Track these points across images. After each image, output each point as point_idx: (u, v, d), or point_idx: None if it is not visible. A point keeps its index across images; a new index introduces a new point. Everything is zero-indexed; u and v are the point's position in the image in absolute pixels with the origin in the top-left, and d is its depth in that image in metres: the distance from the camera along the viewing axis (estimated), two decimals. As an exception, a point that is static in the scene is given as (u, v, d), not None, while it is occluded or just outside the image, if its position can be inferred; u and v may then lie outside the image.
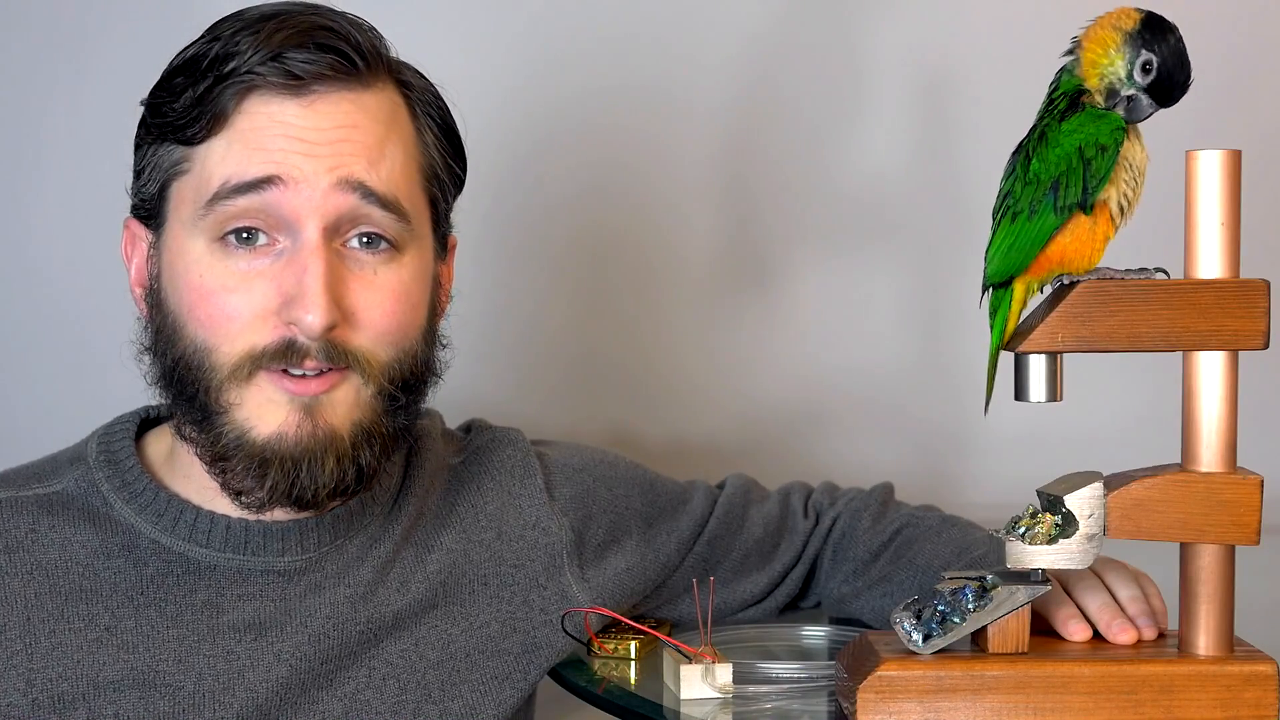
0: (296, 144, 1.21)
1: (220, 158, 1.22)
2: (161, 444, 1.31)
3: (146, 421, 1.34)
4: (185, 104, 1.22)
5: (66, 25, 1.92)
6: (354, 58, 1.23)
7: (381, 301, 1.24)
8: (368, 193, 1.23)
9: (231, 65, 1.21)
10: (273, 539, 1.27)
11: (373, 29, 1.27)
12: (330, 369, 1.22)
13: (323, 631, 1.28)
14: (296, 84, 1.22)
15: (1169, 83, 1.23)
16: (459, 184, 1.34)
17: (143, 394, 1.35)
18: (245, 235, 1.22)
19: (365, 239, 1.24)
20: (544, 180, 1.95)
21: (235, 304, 1.21)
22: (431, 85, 1.31)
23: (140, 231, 1.29)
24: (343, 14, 1.26)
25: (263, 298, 1.21)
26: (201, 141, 1.23)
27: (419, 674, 1.32)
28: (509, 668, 1.36)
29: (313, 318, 1.19)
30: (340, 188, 1.22)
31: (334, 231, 1.22)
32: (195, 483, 1.28)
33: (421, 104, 1.30)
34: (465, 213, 1.91)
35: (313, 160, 1.21)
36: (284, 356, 1.21)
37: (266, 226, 1.22)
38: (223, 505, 1.27)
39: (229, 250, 1.22)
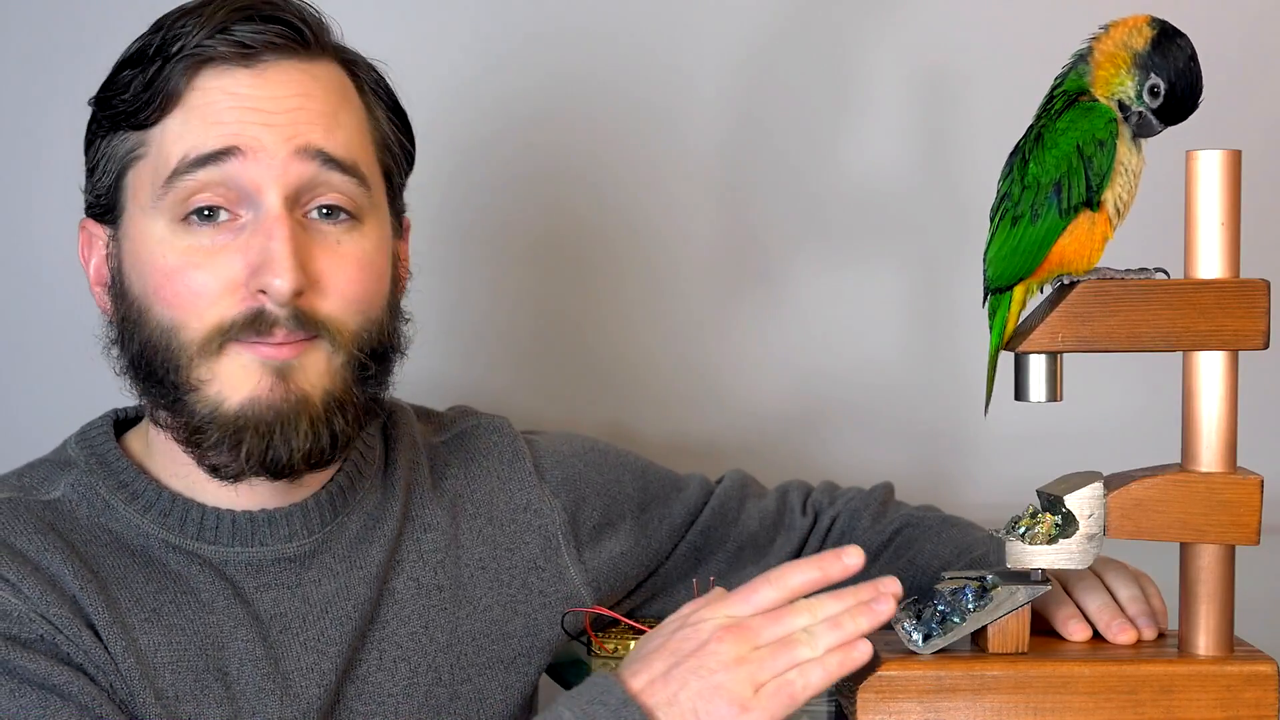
0: (252, 114, 1.22)
1: (176, 135, 1.23)
2: (140, 442, 1.31)
3: (118, 424, 1.34)
4: (135, 90, 1.23)
5: (67, 25, 1.92)
6: (301, 28, 1.25)
7: (346, 269, 1.24)
8: (327, 159, 1.23)
9: (179, 45, 1.22)
10: (278, 526, 1.27)
11: (318, 10, 1.28)
12: (300, 337, 1.22)
13: (344, 614, 1.28)
14: (246, 53, 1.22)
15: (1178, 107, 1.23)
16: (410, 162, 1.35)
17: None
18: (207, 213, 1.22)
19: (325, 210, 1.24)
20: (541, 177, 1.95)
21: (202, 280, 1.21)
22: (374, 66, 1.32)
23: (97, 230, 1.29)
24: None
25: (229, 270, 1.21)
26: (155, 123, 1.23)
27: (429, 657, 1.32)
28: (514, 651, 1.36)
29: (281, 281, 1.19)
30: (299, 156, 1.22)
31: (294, 201, 1.23)
32: (182, 474, 1.27)
33: (368, 82, 1.31)
34: (467, 211, 1.92)
35: (270, 130, 1.22)
36: (253, 327, 1.21)
37: (227, 202, 1.22)
38: (214, 493, 1.26)
39: (191, 228, 1.22)
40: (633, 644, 1.40)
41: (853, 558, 1.17)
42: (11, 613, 1.17)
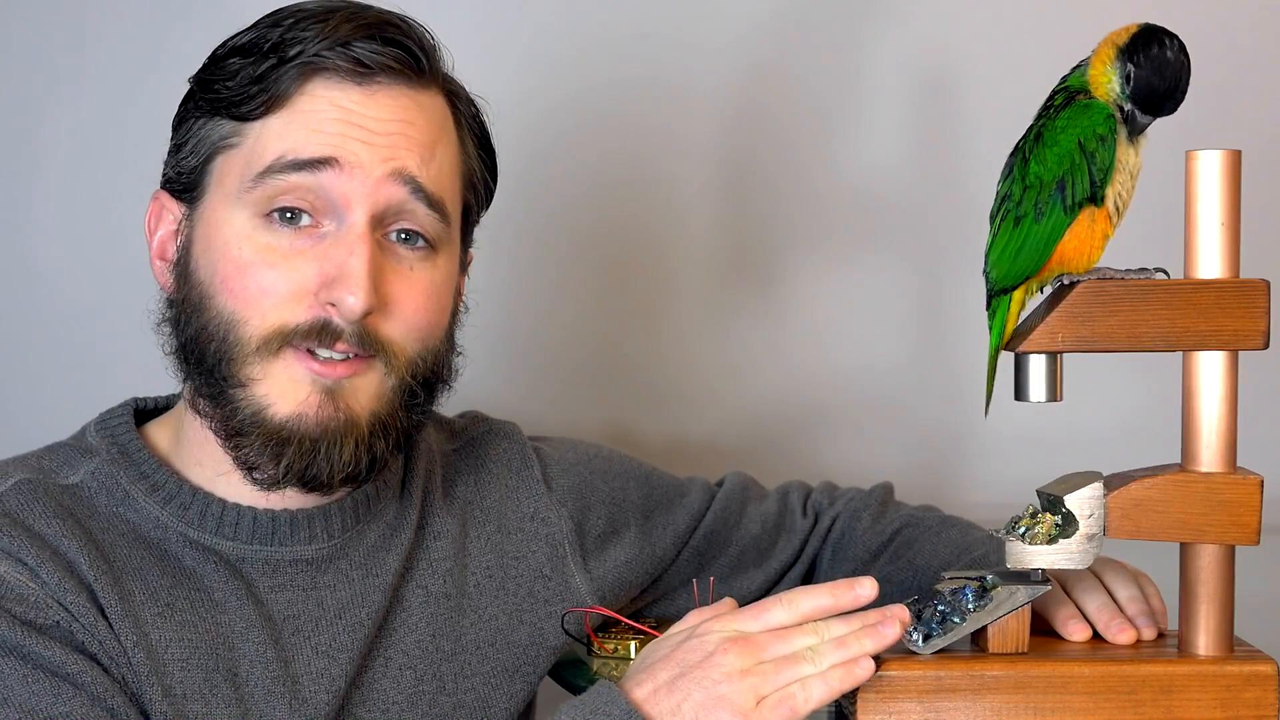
0: (355, 130, 1.22)
1: (277, 134, 1.23)
2: (165, 433, 1.31)
3: (138, 413, 1.33)
4: (242, 81, 1.23)
5: (66, 25, 1.92)
6: (419, 56, 1.25)
7: (415, 296, 1.25)
8: (417, 188, 1.24)
9: (297, 49, 1.23)
10: (299, 527, 1.27)
11: (435, 37, 1.29)
12: (358, 355, 1.23)
13: (357, 621, 1.28)
14: (362, 72, 1.23)
15: (1147, 93, 1.23)
16: (489, 199, 1.36)
17: (140, 392, 1.35)
18: (290, 215, 1.22)
19: (403, 235, 1.25)
20: (545, 180, 1.95)
21: (272, 279, 1.21)
22: (474, 101, 1.33)
23: (170, 204, 1.28)
24: (406, 16, 1.28)
25: (302, 277, 1.22)
26: (257, 118, 1.23)
27: (434, 665, 1.32)
28: (518, 660, 1.36)
29: (354, 299, 1.20)
30: (393, 178, 1.23)
31: (379, 221, 1.23)
32: (208, 469, 1.27)
33: (465, 115, 1.32)
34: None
35: (369, 148, 1.22)
36: (316, 336, 1.21)
37: (313, 209, 1.22)
38: (237, 490, 1.26)
39: (272, 227, 1.22)
40: (633, 644, 1.40)
41: (865, 589, 1.19)
42: (28, 597, 1.17)
